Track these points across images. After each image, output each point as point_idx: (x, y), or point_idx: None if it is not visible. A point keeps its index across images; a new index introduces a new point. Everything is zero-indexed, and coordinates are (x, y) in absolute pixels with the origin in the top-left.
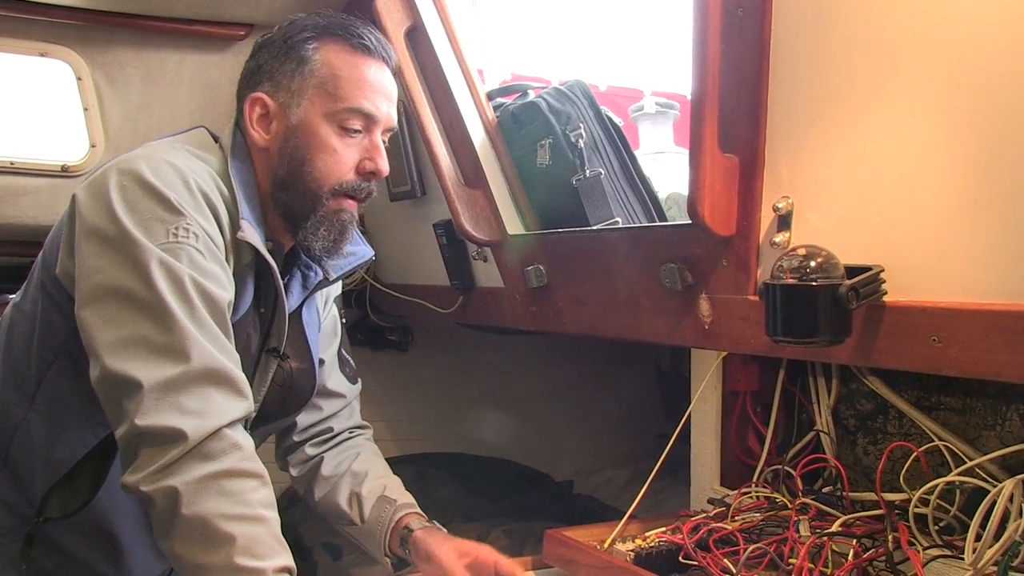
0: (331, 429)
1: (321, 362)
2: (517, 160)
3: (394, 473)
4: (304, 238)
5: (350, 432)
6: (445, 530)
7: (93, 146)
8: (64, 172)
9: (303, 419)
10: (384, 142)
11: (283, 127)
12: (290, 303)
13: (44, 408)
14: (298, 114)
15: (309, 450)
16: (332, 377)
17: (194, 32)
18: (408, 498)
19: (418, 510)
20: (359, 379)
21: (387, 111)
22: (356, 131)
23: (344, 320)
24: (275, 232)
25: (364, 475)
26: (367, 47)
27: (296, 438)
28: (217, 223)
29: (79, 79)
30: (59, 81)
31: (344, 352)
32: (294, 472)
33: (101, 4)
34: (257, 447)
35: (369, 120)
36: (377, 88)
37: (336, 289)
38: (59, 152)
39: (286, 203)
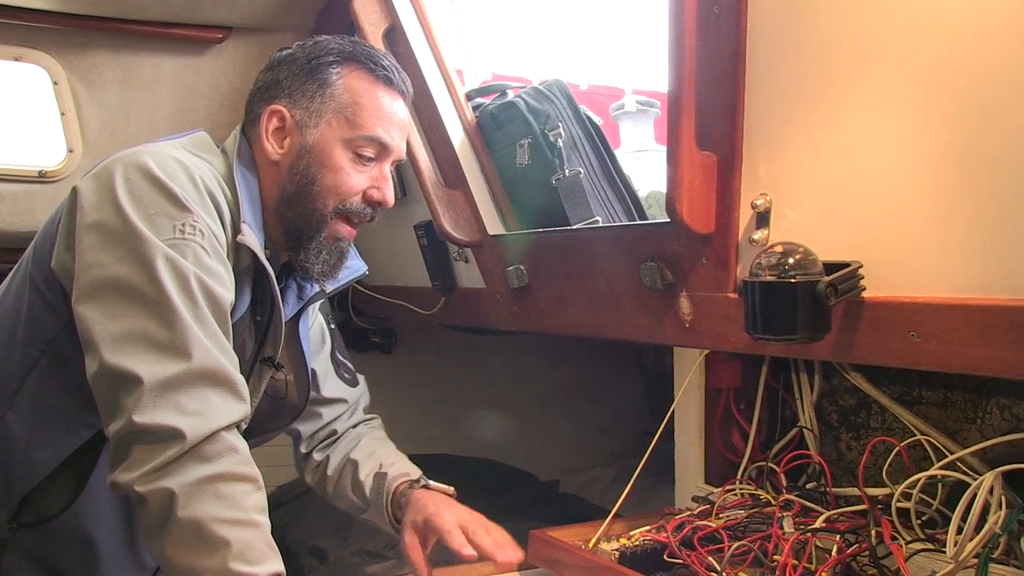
0: (335, 432)
1: (313, 372)
2: (497, 160)
3: None
4: (305, 259)
5: (353, 427)
6: (440, 487)
7: (71, 151)
8: (41, 178)
9: (306, 428)
10: (391, 173)
11: (297, 144)
12: (285, 313)
13: (26, 408)
14: (314, 134)
15: (316, 455)
16: (327, 384)
17: (171, 35)
18: (401, 467)
19: (411, 476)
20: (361, 379)
21: (399, 143)
22: (369, 158)
23: (333, 325)
24: (274, 242)
25: (362, 459)
26: (389, 79)
27: (304, 448)
28: (221, 222)
29: (55, 83)
30: (35, 86)
31: (339, 356)
32: (309, 480)
33: (76, 7)
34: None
35: (383, 150)
36: (394, 120)
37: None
38: (36, 157)
39: (291, 220)
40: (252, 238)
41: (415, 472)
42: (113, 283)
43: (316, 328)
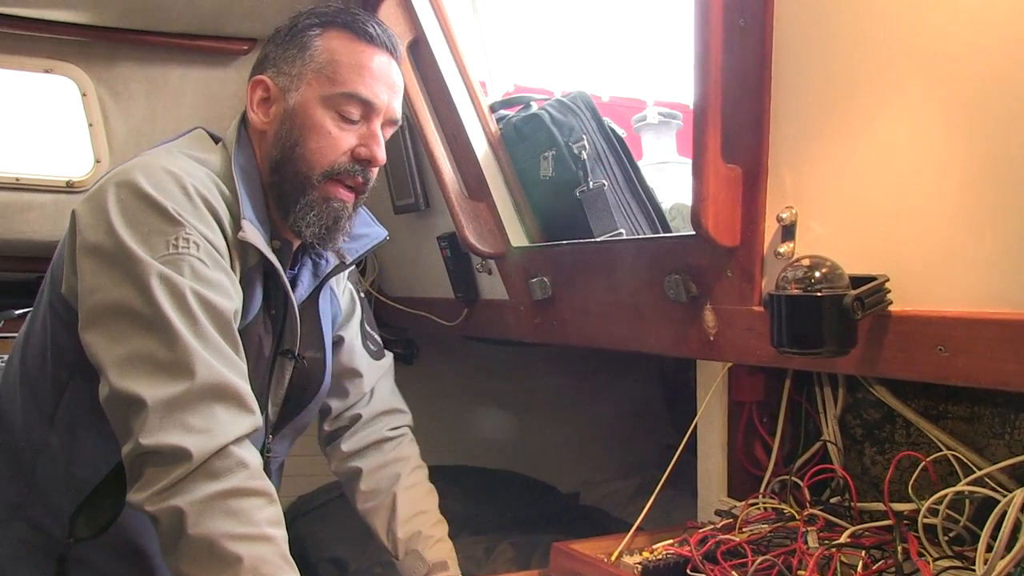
0: (358, 416)
1: (340, 340)
2: (520, 172)
3: None
4: (294, 222)
5: (384, 428)
6: None
7: (98, 161)
8: (69, 188)
9: (335, 405)
10: (386, 136)
11: (281, 110)
12: (300, 293)
13: (63, 428)
14: (295, 97)
15: (344, 447)
16: (354, 355)
17: (197, 47)
18: (439, 554)
19: (449, 572)
20: (387, 354)
21: (387, 100)
22: (354, 119)
23: (362, 294)
24: (282, 230)
25: (403, 510)
26: (370, 35)
27: (328, 427)
28: (220, 227)
29: (84, 95)
30: (64, 97)
31: (367, 327)
32: (332, 466)
33: (105, 20)
34: (288, 449)
35: (368, 107)
36: (378, 76)
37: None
38: (64, 168)
39: (278, 185)
40: (254, 234)
41: (446, 563)
42: (113, 307)
43: (347, 296)
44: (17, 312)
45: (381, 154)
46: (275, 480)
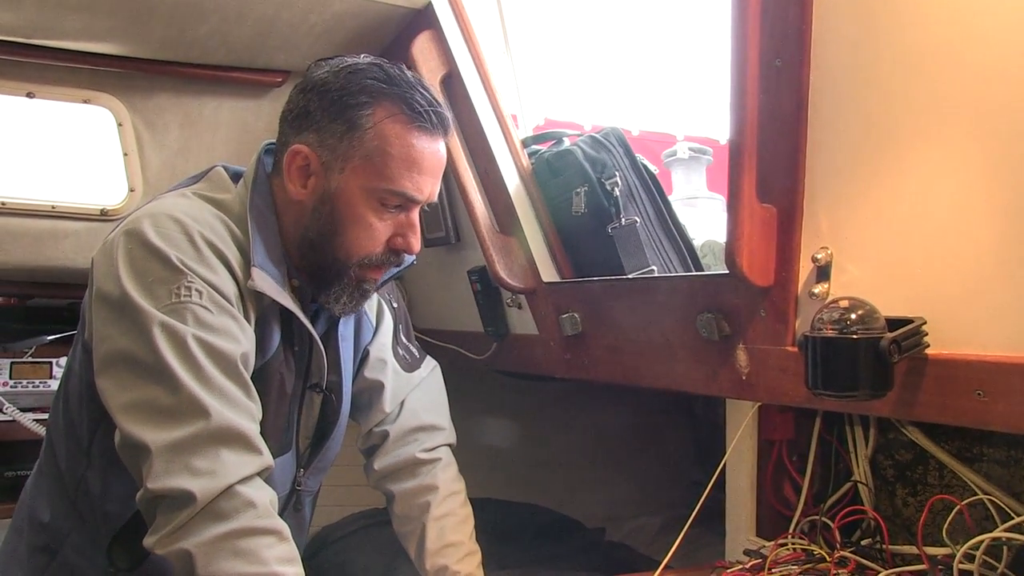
0: (387, 434)
1: (366, 354)
2: (552, 207)
3: None
4: (327, 300)
5: (417, 448)
6: None
7: (132, 190)
8: (103, 216)
9: (362, 421)
10: (420, 215)
11: (321, 187)
12: (321, 323)
13: (98, 464)
14: (339, 180)
15: (376, 465)
16: (381, 367)
17: (232, 79)
18: None
19: None
20: (424, 365)
21: (430, 190)
22: (396, 206)
23: (396, 304)
24: (299, 270)
25: (430, 542)
26: (424, 127)
27: (360, 445)
28: (229, 272)
29: (120, 125)
30: (101, 127)
31: (403, 338)
32: (369, 483)
33: (142, 52)
34: (320, 481)
35: (410, 201)
36: (426, 170)
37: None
38: (99, 196)
39: (312, 262)
40: (264, 281)
41: None
42: (120, 355)
43: (375, 310)
44: (49, 338)
45: (416, 245)
46: (308, 513)
